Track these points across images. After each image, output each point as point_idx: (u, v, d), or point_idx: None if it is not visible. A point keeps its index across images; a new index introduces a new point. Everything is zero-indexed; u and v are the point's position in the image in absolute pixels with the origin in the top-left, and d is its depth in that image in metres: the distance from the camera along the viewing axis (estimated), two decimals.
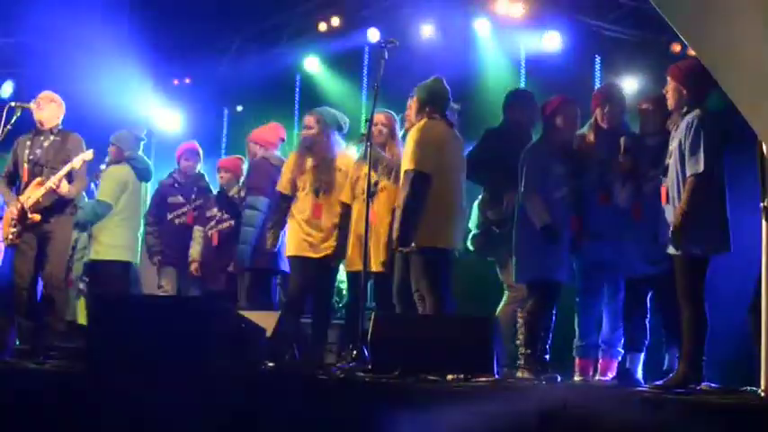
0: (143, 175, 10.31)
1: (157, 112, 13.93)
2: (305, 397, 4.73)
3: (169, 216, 10.30)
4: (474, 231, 8.30)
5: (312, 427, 4.49)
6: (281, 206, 8.80)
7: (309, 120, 8.84)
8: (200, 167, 10.66)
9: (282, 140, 9.81)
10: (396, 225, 7.51)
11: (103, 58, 13.80)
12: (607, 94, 7.94)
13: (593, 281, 7.63)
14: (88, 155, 8.94)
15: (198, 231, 10.07)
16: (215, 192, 10.46)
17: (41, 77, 14.00)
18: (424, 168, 7.45)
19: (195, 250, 10.00)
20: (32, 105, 9.08)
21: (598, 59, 11.52)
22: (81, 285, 10.52)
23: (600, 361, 7.56)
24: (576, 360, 7.61)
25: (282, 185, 8.82)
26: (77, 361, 6.12)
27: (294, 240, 8.60)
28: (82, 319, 10.38)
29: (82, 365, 5.26)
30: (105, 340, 5.06)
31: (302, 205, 8.66)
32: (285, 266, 8.95)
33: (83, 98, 11.32)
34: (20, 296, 8.90)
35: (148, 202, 10.65)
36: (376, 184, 7.86)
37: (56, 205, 8.84)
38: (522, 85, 11.79)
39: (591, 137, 7.73)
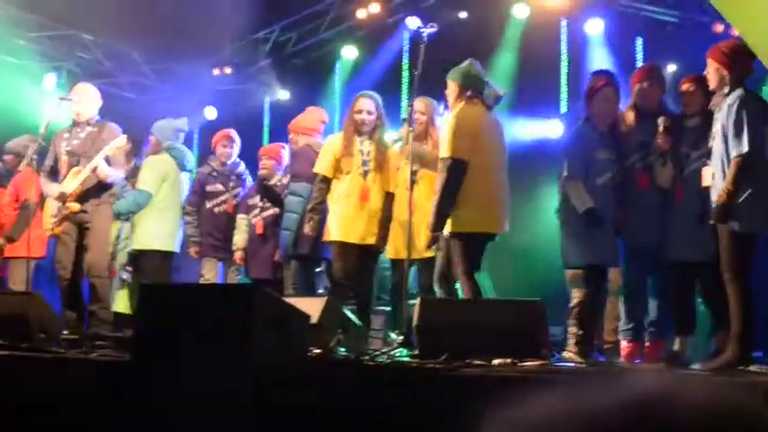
0: (182, 164, 10.32)
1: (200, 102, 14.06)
2: (352, 383, 4.72)
3: (208, 205, 10.32)
4: None
5: (359, 412, 4.48)
6: (322, 189, 8.70)
7: (369, 104, 8.72)
8: (236, 155, 10.66)
9: (324, 123, 9.77)
10: (431, 211, 7.48)
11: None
12: (646, 73, 7.91)
13: (639, 264, 7.59)
14: (122, 140, 8.97)
15: (242, 220, 10.08)
16: (251, 180, 10.51)
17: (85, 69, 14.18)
18: (460, 155, 7.39)
19: (240, 238, 10.02)
20: (72, 98, 9.14)
21: (639, 41, 11.46)
22: (125, 275, 10.57)
23: (647, 344, 7.52)
24: (623, 343, 7.57)
25: (324, 168, 8.69)
26: (123, 350, 6.14)
27: (338, 225, 8.53)
28: (124, 308, 10.43)
29: (128, 354, 5.27)
30: (151, 329, 5.06)
31: (349, 189, 8.58)
32: (329, 253, 8.91)
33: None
34: (63, 286, 8.98)
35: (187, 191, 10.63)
36: (415, 172, 7.82)
37: (94, 194, 8.89)
38: (564, 69, 11.76)
39: (630, 118, 7.69)
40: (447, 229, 7.45)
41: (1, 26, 13.87)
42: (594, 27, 11.82)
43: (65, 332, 8.31)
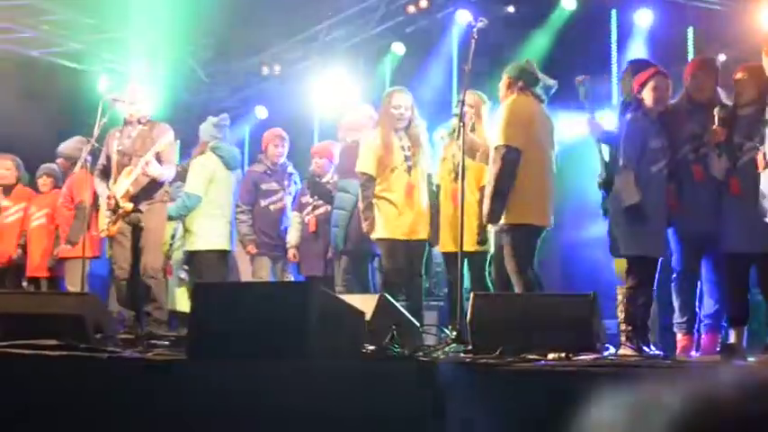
0: (229, 163, 10.35)
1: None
2: (407, 378, 4.73)
3: (263, 203, 10.34)
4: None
5: (413, 408, 4.49)
6: (369, 187, 8.68)
7: (405, 99, 8.74)
8: (286, 154, 10.67)
9: (373, 120, 9.75)
10: (485, 201, 7.47)
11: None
12: (699, 64, 7.84)
13: (692, 256, 7.52)
14: (170, 136, 9.04)
15: (295, 217, 10.11)
16: (299, 179, 10.55)
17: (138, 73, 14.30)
18: (515, 143, 7.39)
19: (293, 236, 10.05)
20: (125, 98, 9.21)
21: (690, 31, 11.36)
22: (183, 274, 10.64)
23: (703, 336, 7.46)
24: (679, 336, 7.51)
25: (369, 166, 8.67)
26: (179, 349, 6.18)
27: (385, 223, 8.54)
28: (181, 307, 10.50)
29: (184, 353, 5.31)
30: (206, 328, 5.10)
31: (394, 186, 8.60)
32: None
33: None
34: (119, 286, 9.06)
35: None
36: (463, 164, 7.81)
37: (147, 193, 8.95)
38: (614, 59, 11.69)
39: (683, 108, 7.63)
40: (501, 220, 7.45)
41: (57, 30, 14.04)
42: (644, 17, 11.74)
43: (120, 332, 8.39)
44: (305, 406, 4.55)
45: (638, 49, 11.46)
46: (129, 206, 8.85)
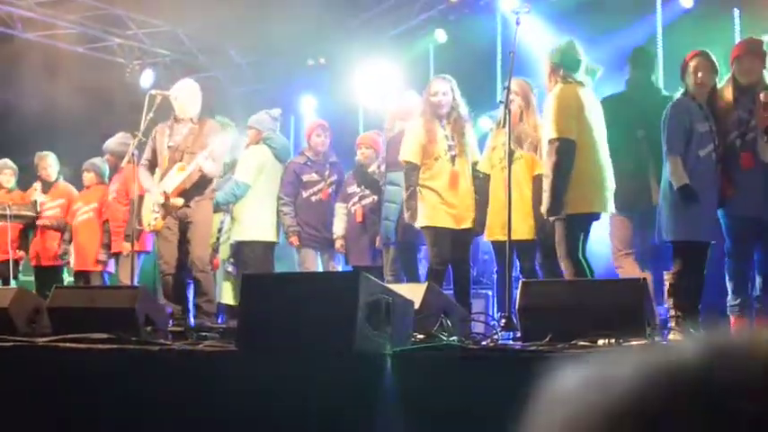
0: (280, 155, 10.42)
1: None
2: (458, 367, 4.72)
3: (305, 194, 10.37)
4: None
5: (465, 397, 4.48)
6: (413, 176, 8.66)
7: (443, 85, 8.73)
8: (329, 143, 10.70)
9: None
10: (545, 196, 7.42)
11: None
12: (745, 46, 7.77)
13: (744, 238, 7.47)
14: (223, 136, 9.10)
15: (341, 208, 10.12)
16: (344, 168, 10.56)
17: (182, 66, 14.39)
18: (568, 135, 7.34)
19: (339, 227, 10.07)
20: (171, 93, 9.26)
21: (737, 13, 11.23)
22: (230, 268, 10.68)
23: (756, 319, 7.41)
24: (732, 319, 7.46)
25: (411, 154, 8.67)
26: (229, 340, 6.20)
27: (431, 211, 8.51)
28: (227, 300, 10.55)
29: (234, 344, 5.33)
30: (255, 319, 5.11)
31: (437, 174, 8.57)
32: None
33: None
34: (166, 280, 9.10)
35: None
36: (512, 153, 7.77)
37: (197, 190, 9.00)
38: (660, 44, 11.58)
39: (729, 93, 7.56)
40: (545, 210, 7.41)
41: (99, 25, 14.14)
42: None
43: (170, 324, 8.45)
44: (354, 397, 4.55)
45: (683, 33, 11.34)
46: (180, 202, 8.91)
